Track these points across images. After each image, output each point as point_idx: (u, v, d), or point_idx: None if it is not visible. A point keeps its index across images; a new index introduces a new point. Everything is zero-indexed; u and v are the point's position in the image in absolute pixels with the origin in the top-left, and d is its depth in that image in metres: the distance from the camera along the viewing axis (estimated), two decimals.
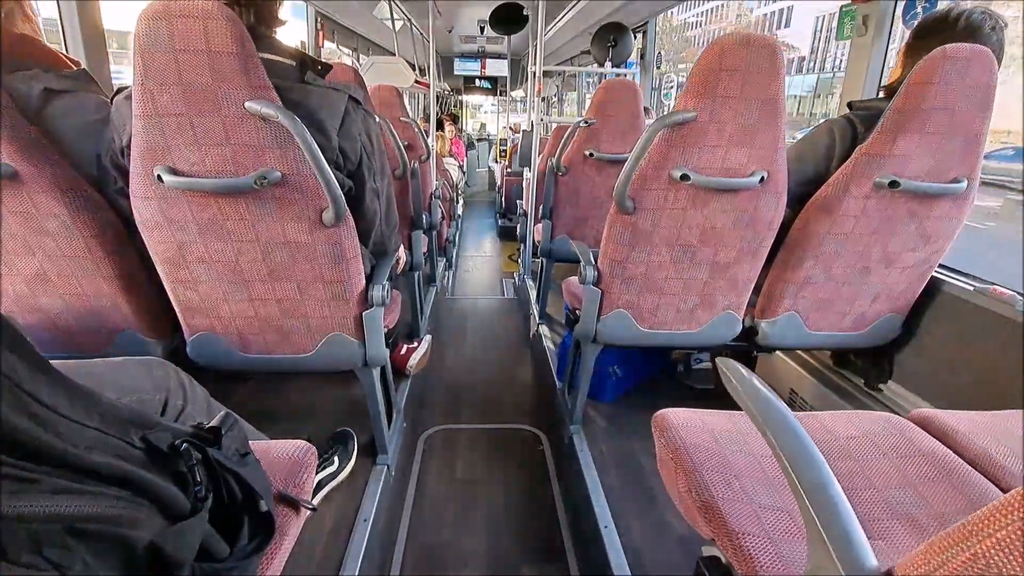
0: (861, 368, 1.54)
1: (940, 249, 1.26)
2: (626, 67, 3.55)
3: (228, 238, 1.01)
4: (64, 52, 1.34)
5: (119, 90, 1.06)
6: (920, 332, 1.39)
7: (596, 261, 1.33)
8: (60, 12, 1.53)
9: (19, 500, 0.30)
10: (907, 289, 1.34)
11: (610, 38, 3.51)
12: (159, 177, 0.91)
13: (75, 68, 1.20)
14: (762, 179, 1.11)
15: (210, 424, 0.54)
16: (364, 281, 1.15)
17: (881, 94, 1.34)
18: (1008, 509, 0.31)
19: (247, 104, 0.88)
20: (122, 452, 0.39)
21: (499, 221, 5.38)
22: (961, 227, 1.24)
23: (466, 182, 6.94)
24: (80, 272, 1.09)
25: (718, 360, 0.65)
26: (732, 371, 0.60)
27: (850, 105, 1.34)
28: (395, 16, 3.75)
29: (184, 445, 0.44)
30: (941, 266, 1.37)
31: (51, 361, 0.38)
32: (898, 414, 0.91)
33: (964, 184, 1.15)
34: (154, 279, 1.11)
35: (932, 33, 1.23)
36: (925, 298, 1.37)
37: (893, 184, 1.12)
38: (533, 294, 2.78)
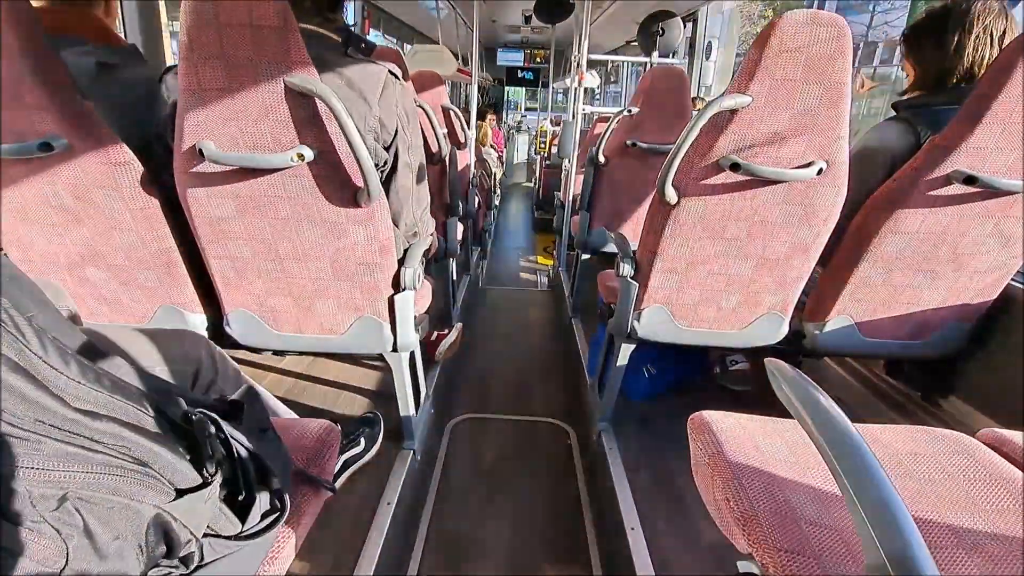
0: (918, 379, 1.43)
1: (1019, 254, 1.15)
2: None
3: (264, 215, 1.01)
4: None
5: (170, 67, 1.08)
6: (990, 343, 1.27)
7: (634, 254, 1.27)
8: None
9: (18, 461, 0.30)
10: (977, 296, 1.22)
11: (658, 27, 3.38)
12: (200, 152, 0.92)
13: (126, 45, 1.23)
14: (820, 170, 1.03)
15: (231, 397, 0.53)
16: (396, 264, 1.14)
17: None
18: None
19: (286, 79, 0.87)
20: (132, 420, 0.38)
21: (535, 213, 5.33)
22: None
23: (504, 173, 6.92)
24: (125, 244, 1.12)
25: (767, 361, 0.59)
26: (783, 374, 0.55)
27: (895, 107, 1.23)
28: (440, 4, 3.75)
29: (198, 417, 0.43)
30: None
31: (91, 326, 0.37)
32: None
33: None
34: (195, 254, 1.13)
35: (925, 34, 1.17)
36: (997, 306, 1.25)
37: (970, 180, 1.02)
38: (567, 287, 2.73)
